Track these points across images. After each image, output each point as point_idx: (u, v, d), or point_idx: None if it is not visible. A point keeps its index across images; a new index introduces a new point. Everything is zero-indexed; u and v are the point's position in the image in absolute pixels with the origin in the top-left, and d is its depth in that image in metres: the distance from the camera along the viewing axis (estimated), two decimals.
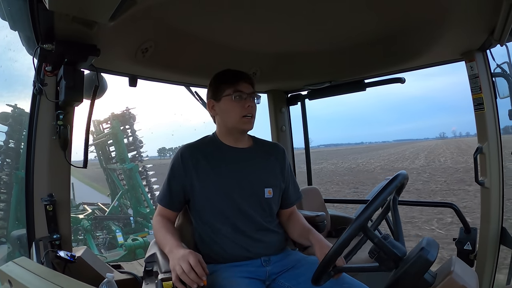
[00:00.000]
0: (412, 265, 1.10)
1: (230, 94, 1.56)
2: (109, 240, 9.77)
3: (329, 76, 2.69)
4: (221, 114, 1.61)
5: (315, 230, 1.61)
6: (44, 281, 1.15)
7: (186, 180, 1.56)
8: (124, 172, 11.15)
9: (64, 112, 1.68)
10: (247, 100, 1.56)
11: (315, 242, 1.52)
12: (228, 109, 1.58)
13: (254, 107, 1.60)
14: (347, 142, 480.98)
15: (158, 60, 2.02)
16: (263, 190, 1.60)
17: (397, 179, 1.23)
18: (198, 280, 1.24)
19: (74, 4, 1.18)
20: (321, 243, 1.50)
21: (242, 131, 1.62)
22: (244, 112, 1.55)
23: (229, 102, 1.57)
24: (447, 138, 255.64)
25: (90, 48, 1.54)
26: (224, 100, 1.58)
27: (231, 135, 1.64)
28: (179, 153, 1.60)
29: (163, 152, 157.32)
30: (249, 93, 1.58)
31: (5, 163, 8.72)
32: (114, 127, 11.07)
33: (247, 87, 1.58)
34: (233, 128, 1.60)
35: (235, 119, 1.57)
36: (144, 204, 10.89)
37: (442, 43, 1.99)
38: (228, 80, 1.58)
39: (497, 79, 2.08)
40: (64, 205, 1.77)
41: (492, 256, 2.09)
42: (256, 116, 1.63)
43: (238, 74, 1.60)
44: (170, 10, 1.64)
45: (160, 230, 1.53)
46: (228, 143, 1.64)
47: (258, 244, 1.57)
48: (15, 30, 1.54)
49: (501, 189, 2.10)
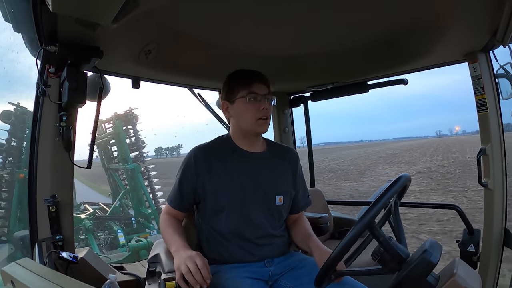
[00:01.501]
0: (415, 267, 1.10)
1: (244, 96, 1.53)
2: (110, 240, 9.79)
3: (332, 78, 2.68)
4: (236, 116, 1.58)
5: (316, 237, 1.60)
6: (47, 282, 1.15)
7: (198, 182, 1.54)
8: (126, 172, 11.17)
9: (67, 113, 1.69)
10: (262, 102, 1.53)
11: (314, 248, 1.52)
12: (242, 112, 1.55)
13: (269, 109, 1.55)
14: (347, 140, 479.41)
15: (161, 62, 2.02)
16: (274, 197, 1.59)
17: (400, 180, 1.23)
18: (202, 282, 1.25)
19: (77, 6, 1.18)
20: (320, 249, 1.50)
21: (257, 133, 1.59)
22: (259, 115, 1.52)
23: (243, 104, 1.53)
24: (444, 137, 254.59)
25: (93, 50, 1.54)
26: (238, 102, 1.55)
27: (246, 138, 1.61)
28: (191, 154, 1.57)
29: (160, 152, 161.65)
30: (264, 94, 1.54)
31: (7, 162, 8.74)
32: (117, 127, 11.08)
33: (262, 88, 1.55)
34: (248, 131, 1.57)
35: (250, 122, 1.54)
36: (146, 204, 10.90)
37: (445, 44, 1.99)
38: (241, 81, 1.55)
39: (500, 80, 2.07)
40: (67, 206, 1.78)
41: (495, 258, 2.08)
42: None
43: (252, 75, 1.57)
44: (173, 12, 1.64)
45: (167, 229, 1.52)
46: (243, 146, 1.61)
47: (263, 248, 1.57)
48: (18, 32, 1.55)
49: (505, 190, 2.09)
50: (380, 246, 1.16)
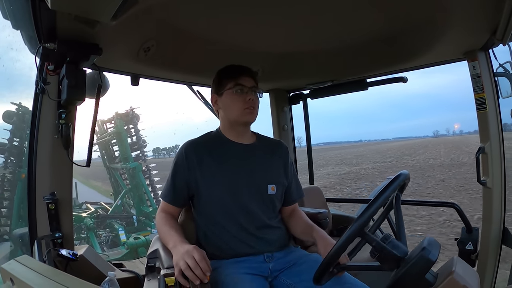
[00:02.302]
0: (413, 265, 1.10)
1: (231, 87, 1.58)
2: (111, 239, 9.79)
3: (331, 75, 2.69)
4: (224, 108, 1.63)
5: (318, 227, 1.61)
6: (46, 280, 1.15)
7: (190, 176, 1.56)
8: (127, 171, 11.16)
9: (66, 111, 1.69)
10: (248, 93, 1.58)
11: (319, 239, 1.53)
12: (229, 103, 1.59)
13: (255, 100, 1.60)
14: (347, 140, 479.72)
15: (160, 59, 2.02)
16: (266, 186, 1.61)
17: (398, 178, 1.23)
18: (202, 276, 1.24)
19: (76, 3, 1.18)
20: (325, 240, 1.51)
21: (245, 123, 1.62)
22: (245, 105, 1.56)
23: (230, 95, 1.58)
24: (441, 137, 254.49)
25: (92, 47, 1.55)
26: (226, 94, 1.60)
27: (234, 129, 1.64)
28: (182, 149, 1.60)
29: (157, 152, 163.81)
30: (250, 86, 1.59)
31: (9, 161, 8.75)
32: (118, 127, 11.07)
33: (249, 81, 1.59)
34: (236, 121, 1.61)
35: (237, 112, 1.58)
36: (147, 203, 10.89)
37: (444, 43, 1.99)
38: (229, 74, 1.60)
39: (500, 79, 2.07)
40: (66, 203, 1.78)
41: (493, 256, 2.09)
42: (259, 111, 1.63)
43: (240, 68, 1.61)
44: (172, 9, 1.64)
45: (163, 226, 1.53)
46: (232, 138, 1.65)
47: (261, 240, 1.57)
48: (17, 29, 1.55)
49: (503, 189, 2.09)
50: (374, 249, 1.16)
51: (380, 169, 22.17)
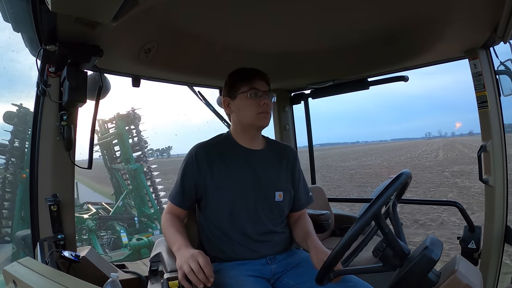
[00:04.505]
0: (416, 264, 1.10)
1: (246, 91, 1.56)
2: (113, 240, 9.80)
3: (332, 75, 2.68)
4: (237, 111, 1.61)
5: (315, 236, 1.60)
6: (49, 281, 1.15)
7: (200, 179, 1.56)
8: (129, 172, 11.15)
9: (67, 112, 1.69)
10: (262, 97, 1.56)
11: (312, 247, 1.51)
12: (243, 107, 1.58)
13: (269, 104, 1.59)
14: (343, 142, 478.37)
15: (161, 60, 2.02)
16: (273, 193, 1.60)
17: (401, 177, 1.23)
18: (205, 281, 1.24)
19: (77, 5, 1.18)
20: (317, 248, 1.49)
21: (259, 127, 1.62)
22: (259, 109, 1.55)
23: (244, 99, 1.57)
24: (433, 138, 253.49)
25: (93, 49, 1.55)
26: (240, 97, 1.58)
27: (246, 133, 1.63)
28: (193, 151, 1.59)
29: (156, 152, 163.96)
30: (265, 90, 1.58)
31: (10, 162, 8.76)
32: (119, 127, 11.05)
33: (263, 85, 1.58)
34: (249, 125, 1.60)
35: (251, 117, 1.56)
36: (149, 204, 10.87)
37: (445, 41, 1.98)
38: (243, 78, 1.59)
39: (501, 77, 2.06)
40: (68, 205, 1.78)
41: (496, 255, 2.08)
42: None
43: (254, 72, 1.60)
44: (173, 11, 1.65)
45: (169, 228, 1.52)
46: (243, 143, 1.64)
47: (264, 244, 1.57)
48: (18, 31, 1.55)
49: (506, 187, 2.08)
50: (385, 238, 1.15)
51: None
